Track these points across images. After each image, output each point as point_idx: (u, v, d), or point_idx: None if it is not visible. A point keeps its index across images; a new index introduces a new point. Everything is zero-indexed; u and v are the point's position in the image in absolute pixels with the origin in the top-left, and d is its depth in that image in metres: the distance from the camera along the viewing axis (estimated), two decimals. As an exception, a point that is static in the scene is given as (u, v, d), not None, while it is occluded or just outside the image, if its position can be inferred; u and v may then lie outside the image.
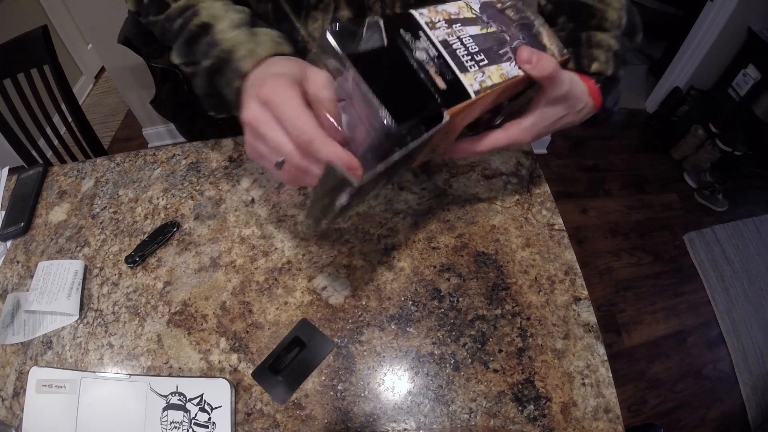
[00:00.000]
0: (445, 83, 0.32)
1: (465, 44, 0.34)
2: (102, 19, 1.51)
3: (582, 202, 1.90)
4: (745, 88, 1.90)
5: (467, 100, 0.32)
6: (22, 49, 0.98)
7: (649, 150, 2.16)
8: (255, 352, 0.49)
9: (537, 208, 0.59)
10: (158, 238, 0.58)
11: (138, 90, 1.83)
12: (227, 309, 0.52)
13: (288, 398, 0.46)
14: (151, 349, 0.50)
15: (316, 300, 0.52)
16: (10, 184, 0.71)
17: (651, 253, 1.73)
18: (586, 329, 0.49)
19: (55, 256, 0.60)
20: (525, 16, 0.41)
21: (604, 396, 0.45)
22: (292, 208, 0.61)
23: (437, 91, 0.31)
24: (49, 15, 2.17)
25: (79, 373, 0.49)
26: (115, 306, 0.54)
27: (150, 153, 0.71)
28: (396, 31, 0.32)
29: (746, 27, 1.86)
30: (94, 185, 0.68)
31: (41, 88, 1.04)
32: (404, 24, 0.32)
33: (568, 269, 0.54)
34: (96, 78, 2.59)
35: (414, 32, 0.32)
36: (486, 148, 0.41)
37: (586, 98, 0.42)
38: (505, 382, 0.46)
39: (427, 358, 0.48)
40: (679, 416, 1.35)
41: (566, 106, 0.41)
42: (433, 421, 0.45)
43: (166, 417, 0.45)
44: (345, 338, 0.49)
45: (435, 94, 0.31)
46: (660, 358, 1.46)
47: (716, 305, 1.58)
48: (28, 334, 0.53)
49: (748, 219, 1.86)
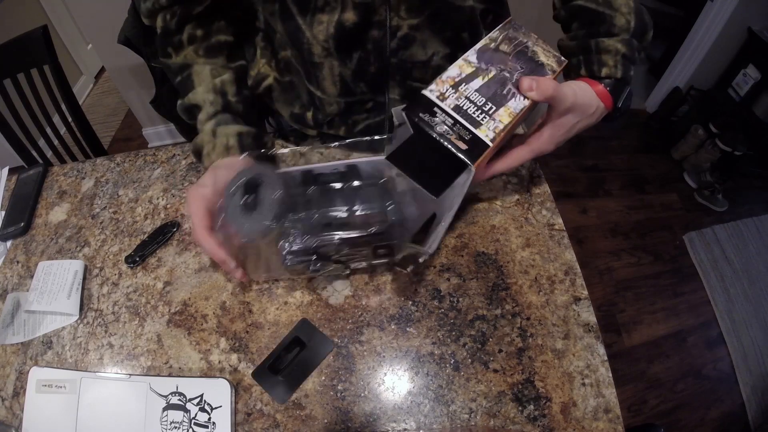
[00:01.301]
0: (465, 144, 0.39)
1: (473, 100, 0.41)
2: (102, 19, 1.51)
3: (582, 202, 1.90)
4: (745, 88, 1.90)
5: (487, 150, 0.39)
6: (22, 49, 0.98)
7: (649, 150, 2.16)
8: (255, 352, 0.49)
9: (537, 208, 0.59)
10: (158, 238, 0.58)
11: (138, 90, 1.83)
12: (227, 309, 0.52)
13: (288, 398, 0.46)
14: (151, 349, 0.50)
15: (316, 300, 0.52)
16: (10, 184, 0.71)
17: (651, 253, 1.73)
18: (586, 329, 0.49)
19: (55, 256, 0.60)
20: (517, 42, 0.46)
21: (604, 396, 0.45)
22: (292, 208, 0.61)
23: (461, 152, 0.39)
24: (49, 15, 2.17)
25: (79, 373, 0.49)
26: (115, 306, 0.54)
27: (150, 153, 0.71)
28: (416, 116, 0.40)
29: (746, 27, 1.86)
30: (94, 185, 0.68)
31: (41, 88, 1.04)
32: (422, 106, 0.40)
33: (568, 269, 0.54)
34: (96, 78, 2.59)
35: (430, 111, 0.40)
36: (514, 164, 0.47)
37: (596, 102, 0.47)
38: (505, 382, 0.46)
39: (427, 358, 0.48)
40: (679, 416, 1.35)
41: (577, 114, 0.46)
42: (433, 421, 0.45)
43: (166, 417, 0.45)
44: (345, 338, 0.49)
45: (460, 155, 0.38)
46: (660, 358, 1.46)
47: (716, 305, 1.58)
48: (28, 334, 0.53)
49: (748, 219, 1.85)
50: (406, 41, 0.51)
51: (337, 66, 0.53)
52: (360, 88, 0.55)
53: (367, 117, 0.60)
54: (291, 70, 0.58)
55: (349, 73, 0.53)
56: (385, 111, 0.58)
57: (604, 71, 0.48)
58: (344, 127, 0.61)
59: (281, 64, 0.58)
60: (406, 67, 0.53)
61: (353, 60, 0.52)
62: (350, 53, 0.51)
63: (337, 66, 0.53)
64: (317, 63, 0.53)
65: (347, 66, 0.52)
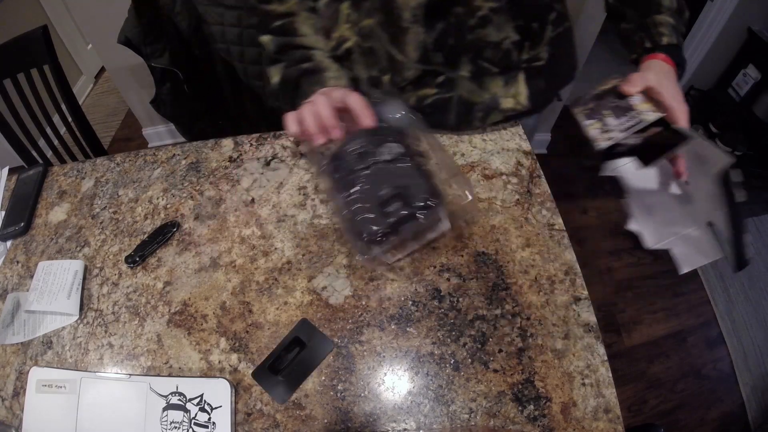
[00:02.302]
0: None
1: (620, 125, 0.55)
2: (102, 19, 1.51)
3: (582, 202, 1.90)
4: (745, 88, 1.90)
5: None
6: (22, 49, 0.98)
7: (649, 150, 2.15)
8: (255, 352, 0.49)
9: (537, 208, 0.59)
10: (158, 238, 0.58)
11: (138, 90, 1.83)
12: (227, 309, 0.52)
13: (288, 398, 0.46)
14: (151, 349, 0.50)
15: (316, 300, 0.52)
16: (10, 184, 0.71)
17: (651, 253, 1.73)
18: (586, 329, 0.49)
19: (55, 256, 0.60)
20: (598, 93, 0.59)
21: (604, 396, 0.45)
22: (292, 208, 0.61)
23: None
24: (49, 15, 2.17)
25: (79, 373, 0.49)
26: (115, 306, 0.54)
27: (150, 153, 0.71)
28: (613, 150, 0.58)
29: (746, 27, 1.86)
30: (94, 185, 0.68)
31: (41, 88, 1.04)
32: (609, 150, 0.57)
33: (568, 269, 0.54)
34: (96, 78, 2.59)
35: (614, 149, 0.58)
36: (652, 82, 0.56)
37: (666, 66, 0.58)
38: (505, 382, 0.46)
39: (427, 358, 0.48)
40: (679, 416, 1.35)
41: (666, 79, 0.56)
42: (433, 421, 0.45)
43: (166, 417, 0.45)
44: (345, 338, 0.49)
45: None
46: (660, 358, 1.46)
47: (716, 305, 1.58)
48: (28, 334, 0.53)
49: (748, 219, 1.86)
50: (483, 21, 0.56)
51: (422, 33, 0.57)
52: (437, 58, 0.60)
53: (437, 93, 0.63)
54: (373, 36, 0.61)
55: (430, 41, 0.58)
56: (454, 89, 0.63)
57: (664, 40, 0.58)
58: (415, 97, 0.64)
59: (365, 30, 0.62)
60: (479, 46, 0.59)
61: (436, 30, 0.57)
62: (434, 23, 0.57)
63: (422, 33, 0.57)
64: (404, 28, 0.57)
65: (430, 35, 0.57)
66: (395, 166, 0.49)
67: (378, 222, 0.46)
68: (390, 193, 0.47)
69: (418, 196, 0.47)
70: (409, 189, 0.47)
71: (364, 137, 0.51)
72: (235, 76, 1.31)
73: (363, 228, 0.47)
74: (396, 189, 0.47)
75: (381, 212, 0.47)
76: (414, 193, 0.47)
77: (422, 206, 0.47)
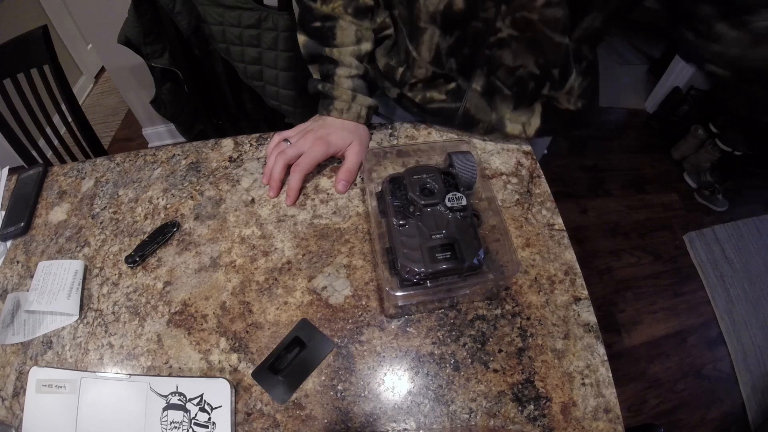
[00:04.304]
0: None
1: None
2: (102, 19, 1.51)
3: (582, 202, 1.91)
4: (745, 88, 1.89)
5: None
6: (22, 49, 0.98)
7: (649, 150, 2.16)
8: (255, 352, 0.49)
9: (537, 208, 0.59)
10: (158, 238, 0.58)
11: (138, 90, 1.83)
12: (227, 309, 0.52)
13: (288, 398, 0.46)
14: (151, 349, 0.50)
15: (316, 300, 0.52)
16: (10, 184, 0.71)
17: (651, 253, 1.73)
18: (586, 329, 0.49)
19: (55, 256, 0.60)
20: None
21: (604, 396, 0.45)
22: (292, 208, 0.61)
23: None
24: (49, 15, 2.17)
25: (79, 373, 0.49)
26: (115, 306, 0.54)
27: (150, 153, 0.71)
28: None
29: (746, 27, 1.86)
30: (94, 185, 0.68)
31: (41, 88, 1.04)
32: None
33: (568, 269, 0.54)
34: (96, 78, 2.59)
35: None
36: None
37: None
38: (505, 382, 0.46)
39: (427, 358, 0.48)
40: (679, 416, 1.35)
41: None
42: (433, 421, 0.45)
43: (166, 417, 0.45)
44: (345, 338, 0.49)
45: None
46: (660, 358, 1.46)
47: (716, 305, 1.58)
48: (28, 334, 0.53)
49: (748, 219, 1.85)
50: (501, 44, 0.54)
51: (437, 36, 0.56)
52: (450, 64, 0.59)
53: (444, 100, 0.63)
54: (398, 27, 0.61)
55: (445, 46, 0.57)
56: (462, 99, 0.62)
57: None
58: (421, 96, 0.65)
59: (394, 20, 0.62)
60: (495, 64, 0.57)
61: (452, 37, 0.56)
62: (452, 31, 0.55)
63: (437, 36, 0.56)
64: (421, 27, 0.56)
65: (445, 39, 0.56)
66: (454, 216, 0.48)
67: (422, 263, 0.44)
68: (443, 241, 0.46)
69: (468, 256, 0.45)
70: (462, 245, 0.46)
71: (434, 174, 0.50)
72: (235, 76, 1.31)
73: (405, 262, 0.45)
74: (450, 239, 0.46)
75: (429, 255, 0.45)
76: (465, 251, 0.45)
77: (470, 266, 0.45)
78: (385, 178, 0.53)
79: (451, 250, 0.45)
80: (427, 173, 0.51)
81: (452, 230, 0.47)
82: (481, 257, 0.46)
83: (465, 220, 0.48)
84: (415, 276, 0.45)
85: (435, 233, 0.46)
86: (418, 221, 0.48)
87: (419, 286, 0.45)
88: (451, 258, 0.45)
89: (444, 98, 0.63)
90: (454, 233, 0.47)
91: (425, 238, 0.46)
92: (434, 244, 0.46)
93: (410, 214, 0.48)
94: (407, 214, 0.48)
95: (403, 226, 0.47)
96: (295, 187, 0.59)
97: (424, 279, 0.45)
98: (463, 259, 0.45)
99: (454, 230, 0.47)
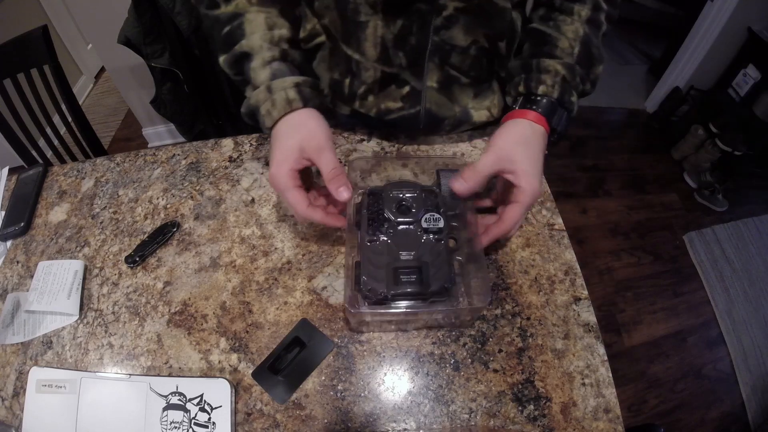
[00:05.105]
0: None
1: None
2: (102, 19, 1.51)
3: (582, 202, 1.91)
4: (745, 88, 1.90)
5: None
6: (22, 49, 0.98)
7: (649, 150, 2.16)
8: (255, 352, 0.49)
9: (537, 208, 0.59)
10: (158, 238, 0.58)
11: (138, 90, 1.83)
12: (227, 309, 0.52)
13: (288, 398, 0.46)
14: (151, 349, 0.50)
15: (316, 300, 0.52)
16: (10, 184, 0.71)
17: (651, 253, 1.73)
18: (586, 329, 0.49)
19: (55, 256, 0.60)
20: None
21: (604, 396, 0.45)
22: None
23: None
24: (49, 15, 2.17)
25: (79, 373, 0.49)
26: (115, 306, 0.54)
27: (150, 153, 0.71)
28: None
29: (746, 27, 1.86)
30: (94, 185, 0.68)
31: (41, 88, 1.04)
32: None
33: (568, 269, 0.54)
34: (96, 78, 2.59)
35: None
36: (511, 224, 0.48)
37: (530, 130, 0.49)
38: (505, 382, 0.46)
39: (427, 358, 0.48)
40: (679, 416, 1.35)
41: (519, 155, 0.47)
42: (433, 421, 0.45)
43: (166, 417, 0.45)
44: (345, 338, 0.49)
45: None
46: (660, 358, 1.46)
47: (716, 305, 1.58)
48: (28, 334, 0.53)
49: (748, 219, 1.86)
50: (449, 21, 0.51)
51: (381, 27, 0.52)
52: (399, 59, 0.55)
53: (401, 108, 0.59)
54: (330, 35, 0.57)
55: (390, 37, 0.53)
56: (420, 102, 0.58)
57: (540, 89, 0.50)
58: (376, 109, 0.60)
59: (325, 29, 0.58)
60: (445, 49, 0.54)
61: (396, 25, 0.52)
62: (395, 18, 0.51)
63: (381, 27, 0.52)
64: (362, 22, 0.52)
65: (390, 29, 0.52)
66: (428, 239, 0.46)
67: (385, 284, 0.43)
68: (411, 263, 0.44)
69: (435, 282, 0.43)
70: (430, 269, 0.44)
71: (412, 191, 0.49)
72: (235, 76, 1.30)
73: (368, 280, 0.43)
74: (418, 262, 0.44)
75: (393, 276, 0.43)
76: (433, 276, 0.43)
77: (434, 292, 0.43)
78: (365, 190, 0.51)
79: (418, 273, 0.43)
80: (407, 190, 0.49)
81: (423, 252, 0.45)
82: (449, 284, 0.44)
83: (439, 243, 0.46)
84: (376, 295, 0.43)
85: (404, 254, 0.45)
86: (389, 239, 0.46)
87: (380, 306, 0.44)
88: (415, 282, 0.43)
89: (401, 105, 0.59)
90: (425, 256, 0.45)
91: (393, 258, 0.45)
92: (400, 266, 0.44)
93: (382, 231, 0.46)
94: (380, 231, 0.46)
95: (372, 242, 0.46)
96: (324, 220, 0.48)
97: (384, 300, 0.43)
98: (428, 284, 0.43)
99: (425, 253, 0.45)
